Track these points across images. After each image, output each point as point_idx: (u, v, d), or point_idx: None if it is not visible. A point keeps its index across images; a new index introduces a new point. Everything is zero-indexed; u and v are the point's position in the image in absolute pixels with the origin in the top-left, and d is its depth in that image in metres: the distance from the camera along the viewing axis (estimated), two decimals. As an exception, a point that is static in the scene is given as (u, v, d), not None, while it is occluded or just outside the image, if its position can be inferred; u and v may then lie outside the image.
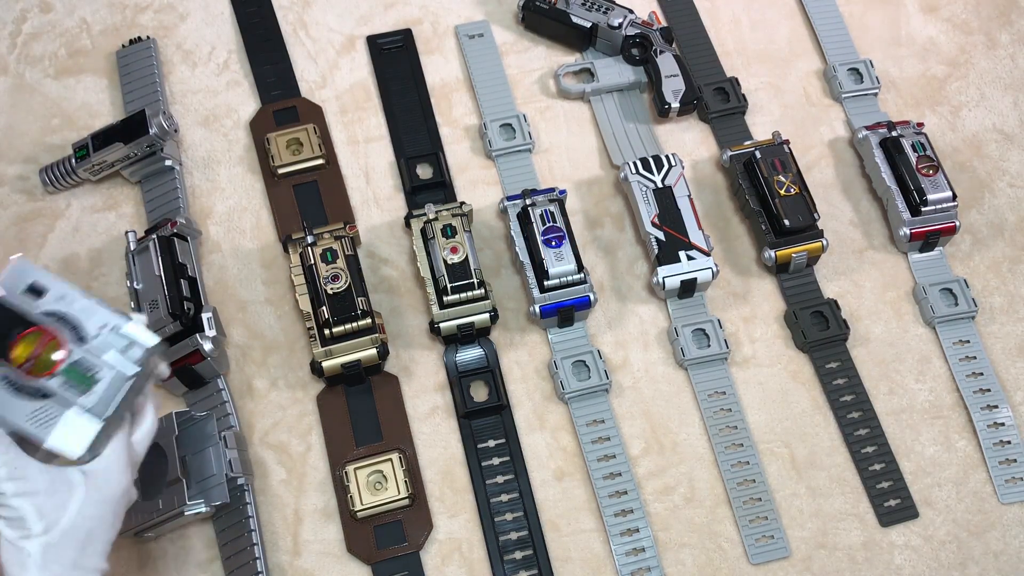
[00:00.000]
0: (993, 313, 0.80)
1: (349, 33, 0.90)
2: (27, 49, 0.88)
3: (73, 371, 0.50)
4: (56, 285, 0.52)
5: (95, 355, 0.51)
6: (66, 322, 0.51)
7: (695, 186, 0.83)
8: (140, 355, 0.51)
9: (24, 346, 0.50)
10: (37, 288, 0.51)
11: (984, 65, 0.91)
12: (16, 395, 0.50)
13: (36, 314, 0.51)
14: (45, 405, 0.50)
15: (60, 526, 0.48)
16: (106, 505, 0.50)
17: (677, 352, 0.76)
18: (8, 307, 0.50)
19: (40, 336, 0.50)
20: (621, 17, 0.86)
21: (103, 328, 0.51)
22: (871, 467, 0.73)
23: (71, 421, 0.49)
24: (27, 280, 0.51)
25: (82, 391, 0.50)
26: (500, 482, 0.72)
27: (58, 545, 0.48)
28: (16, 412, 0.49)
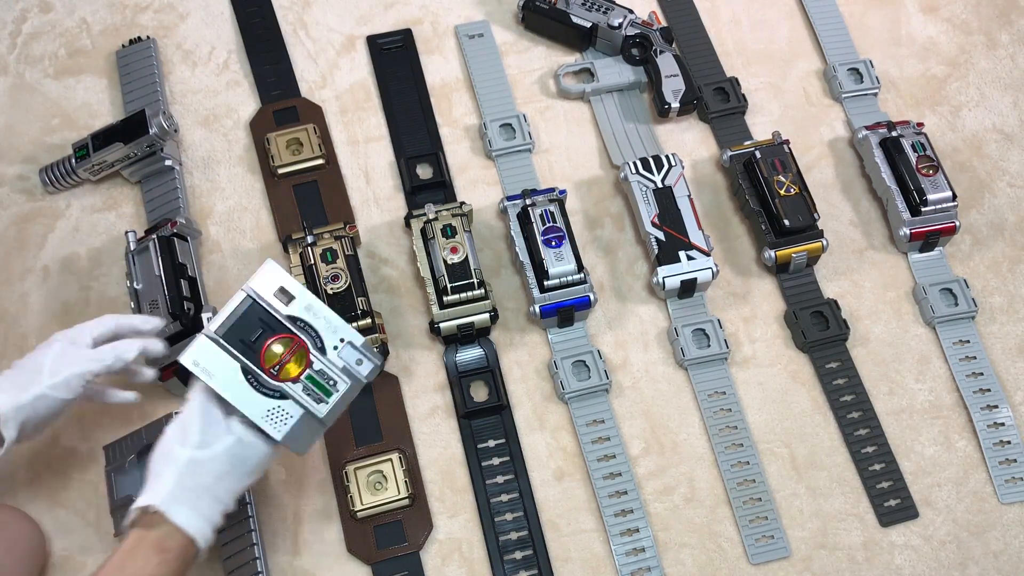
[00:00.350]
0: (993, 313, 0.80)
1: (349, 33, 0.90)
2: (27, 49, 0.88)
3: (314, 380, 0.55)
4: (303, 294, 0.56)
5: (334, 367, 0.56)
6: (310, 330, 0.56)
7: (695, 186, 0.83)
8: (369, 370, 0.56)
9: (274, 349, 0.55)
10: (286, 292, 0.56)
11: (984, 65, 0.91)
12: (256, 390, 0.55)
13: (285, 318, 0.55)
14: (282, 405, 0.55)
15: (210, 450, 0.55)
16: (247, 460, 0.56)
17: (677, 352, 0.76)
18: (264, 307, 0.55)
19: (291, 343, 0.55)
20: (621, 17, 0.86)
21: (342, 341, 0.56)
22: (871, 467, 0.73)
23: (302, 423, 0.55)
24: (276, 284, 0.56)
25: (318, 399, 0.55)
26: (500, 482, 0.72)
27: (201, 463, 0.54)
28: (254, 409, 0.54)
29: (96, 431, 0.73)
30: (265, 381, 0.54)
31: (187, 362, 0.54)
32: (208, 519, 0.55)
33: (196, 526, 0.54)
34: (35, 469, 0.72)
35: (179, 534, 0.53)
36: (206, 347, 0.55)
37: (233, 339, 0.55)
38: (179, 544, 0.53)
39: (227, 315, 0.55)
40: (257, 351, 0.55)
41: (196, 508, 0.54)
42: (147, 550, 0.52)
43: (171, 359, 0.70)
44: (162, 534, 0.53)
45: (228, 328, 0.55)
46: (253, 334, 0.55)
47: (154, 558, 0.52)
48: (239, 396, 0.54)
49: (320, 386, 0.55)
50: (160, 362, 0.70)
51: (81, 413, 0.73)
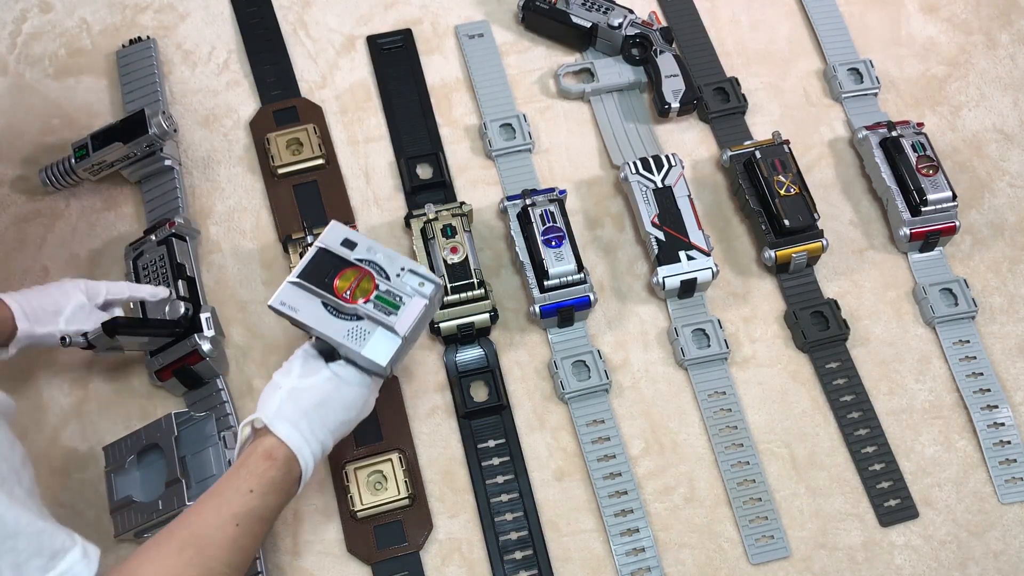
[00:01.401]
0: (993, 313, 0.80)
1: (349, 33, 0.90)
2: (27, 49, 0.88)
3: (382, 298, 0.62)
4: (364, 240, 0.64)
5: (398, 288, 0.63)
6: (374, 265, 0.63)
7: (695, 186, 0.83)
8: (431, 289, 0.62)
9: (344, 279, 0.62)
10: (350, 242, 0.64)
11: (984, 65, 0.91)
12: (336, 317, 0.62)
13: (352, 259, 0.63)
14: (360, 324, 0.62)
15: (309, 380, 0.61)
16: (342, 394, 0.62)
17: (677, 352, 0.76)
18: (332, 253, 0.63)
19: (357, 272, 0.63)
20: (621, 17, 0.86)
21: (403, 270, 0.63)
22: (871, 467, 0.73)
23: (380, 337, 0.61)
24: (341, 237, 0.64)
25: (389, 313, 0.62)
26: (500, 482, 0.72)
27: (301, 391, 0.61)
28: (336, 330, 0.61)
29: (96, 431, 0.73)
30: (340, 306, 0.62)
31: (276, 304, 0.62)
32: (308, 440, 0.60)
33: (296, 441, 0.59)
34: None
35: (283, 447, 0.59)
36: (288, 290, 0.62)
37: (311, 280, 0.62)
38: (284, 456, 0.59)
39: (304, 264, 0.63)
40: (331, 285, 0.62)
41: (297, 427, 0.59)
42: (257, 457, 0.58)
43: (170, 360, 0.70)
44: (269, 445, 0.58)
45: (305, 273, 0.63)
46: (327, 275, 0.63)
47: (263, 463, 0.58)
48: (322, 323, 0.62)
49: (388, 302, 0.62)
50: (157, 363, 0.70)
51: (81, 413, 0.73)
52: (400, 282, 0.63)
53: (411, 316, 0.62)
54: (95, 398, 0.74)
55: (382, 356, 0.61)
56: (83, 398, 0.74)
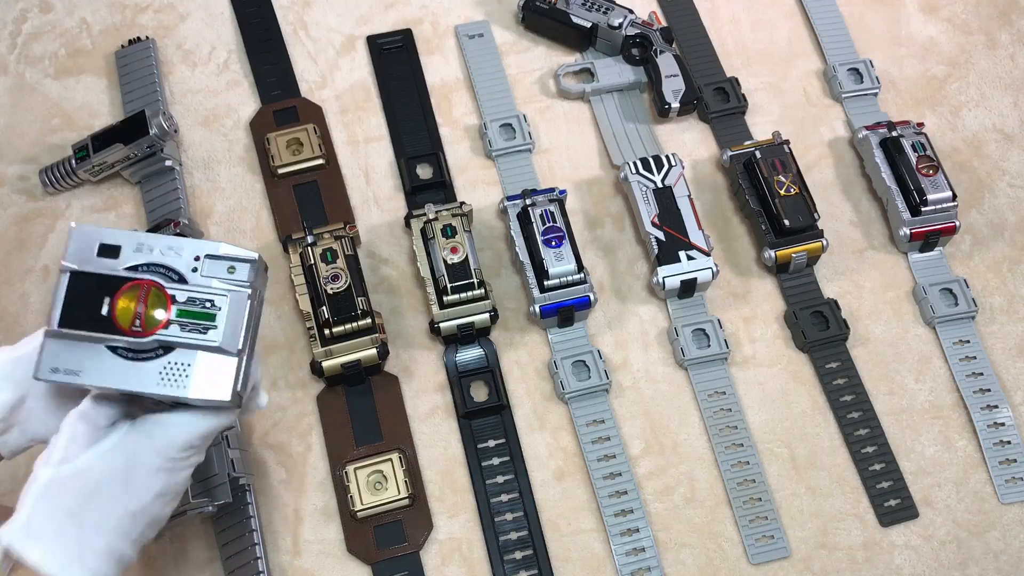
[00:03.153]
0: (993, 313, 0.80)
1: (349, 33, 0.90)
2: (27, 49, 0.88)
3: (187, 312, 0.46)
4: (127, 237, 0.47)
5: (203, 289, 0.46)
6: (157, 269, 0.47)
7: (695, 186, 0.83)
8: (248, 272, 0.47)
9: (123, 307, 0.45)
10: (109, 248, 0.47)
11: (984, 65, 0.91)
12: (138, 361, 0.46)
13: (121, 273, 0.46)
14: (171, 359, 0.46)
15: (73, 467, 0.43)
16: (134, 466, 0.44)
17: (677, 352, 0.76)
18: (90, 275, 0.46)
19: (136, 291, 0.46)
20: (621, 17, 0.86)
21: (198, 259, 0.47)
22: (871, 467, 0.73)
23: (204, 364, 0.46)
24: (94, 245, 0.47)
25: (204, 329, 0.46)
26: (500, 482, 0.72)
27: (63, 483, 0.43)
28: (145, 379, 0.45)
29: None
30: (136, 344, 0.45)
31: (44, 374, 0.46)
32: (80, 558, 0.42)
33: (58, 565, 0.41)
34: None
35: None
36: (52, 348, 0.46)
37: (78, 323, 0.46)
38: None
39: (56, 304, 0.46)
40: (109, 319, 0.45)
41: (59, 543, 0.42)
42: None
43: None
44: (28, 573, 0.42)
45: (65, 316, 0.45)
46: (98, 307, 0.46)
47: None
48: (119, 377, 0.45)
49: (197, 315, 0.46)
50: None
51: (81, 413, 0.73)
52: (202, 278, 0.47)
53: (238, 320, 0.46)
54: (95, 398, 0.74)
55: (220, 389, 0.46)
56: (83, 398, 0.74)
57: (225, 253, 0.47)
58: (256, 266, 0.48)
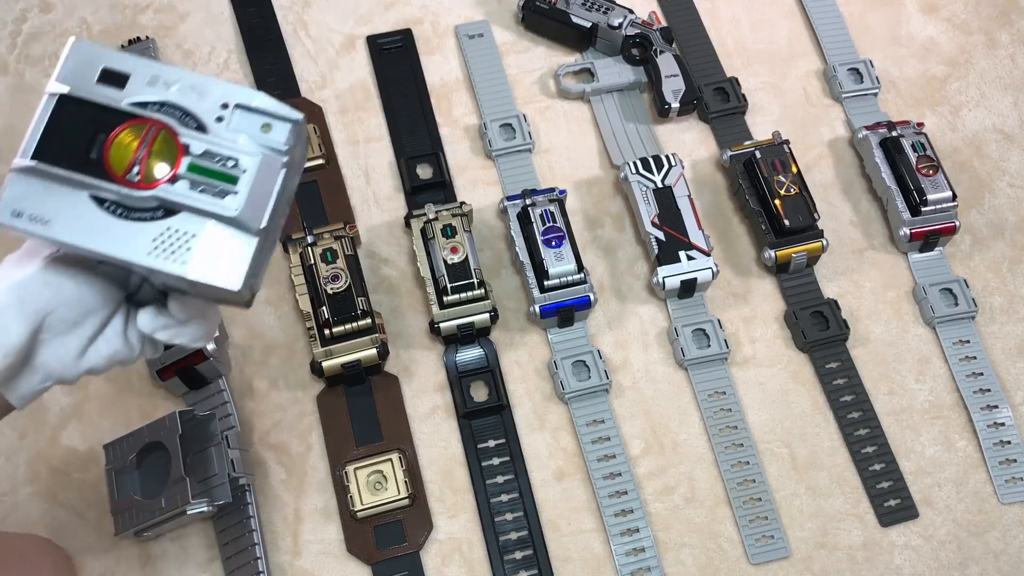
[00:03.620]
0: (993, 313, 0.80)
1: (349, 33, 0.90)
2: (27, 49, 0.88)
3: (201, 168, 0.36)
4: (139, 65, 0.37)
5: (226, 143, 0.36)
6: (172, 110, 0.37)
7: (695, 186, 0.83)
8: (287, 134, 0.37)
9: (122, 146, 0.35)
10: (114, 74, 0.37)
11: (984, 65, 0.91)
12: (129, 220, 0.36)
13: (123, 107, 0.36)
14: (172, 224, 0.36)
15: None
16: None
17: (677, 352, 0.76)
18: (85, 102, 0.36)
19: (140, 131, 0.36)
20: (621, 17, 0.86)
21: (226, 108, 0.37)
22: (871, 467, 0.73)
23: (213, 238, 0.36)
24: (97, 65, 0.37)
25: (221, 192, 0.36)
26: (500, 482, 0.72)
27: None
28: (133, 245, 0.35)
29: (96, 431, 0.73)
30: (130, 197, 0.35)
31: (3, 218, 0.36)
32: None
33: None
34: (35, 469, 0.72)
35: None
36: (18, 184, 0.36)
37: (59, 159, 0.36)
38: None
39: (34, 132, 0.37)
40: (100, 161, 0.36)
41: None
42: None
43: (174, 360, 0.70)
44: None
45: (42, 147, 0.36)
46: (87, 143, 0.36)
47: None
48: (101, 236, 0.35)
49: (215, 174, 0.36)
50: (159, 362, 0.70)
51: (81, 412, 0.73)
52: (227, 131, 0.37)
53: (265, 190, 0.36)
54: (95, 398, 0.74)
55: (229, 274, 0.36)
56: (83, 398, 0.74)
57: (261, 106, 0.37)
58: (298, 129, 0.38)
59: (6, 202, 0.36)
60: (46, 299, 0.40)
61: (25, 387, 0.44)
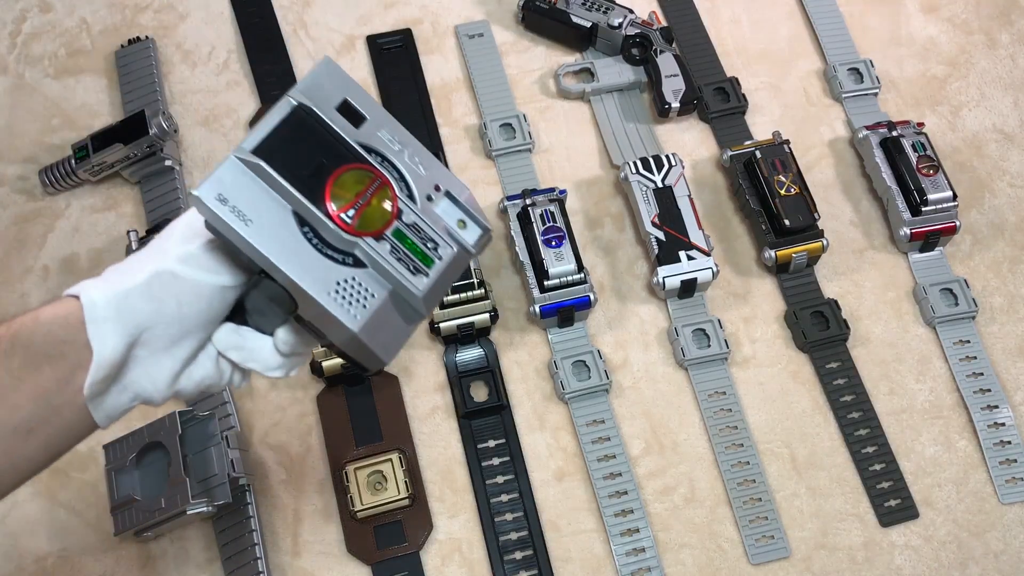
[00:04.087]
0: (993, 313, 0.80)
1: (349, 33, 0.89)
2: (27, 49, 0.87)
3: (406, 239, 0.35)
4: (378, 112, 0.37)
5: (434, 225, 0.36)
6: (391, 168, 0.36)
7: (695, 186, 0.83)
8: (478, 238, 0.37)
9: (345, 185, 0.35)
10: (352, 110, 0.36)
11: (984, 65, 0.91)
12: (320, 254, 0.35)
13: (355, 145, 0.35)
14: (358, 276, 0.35)
15: None
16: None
17: (677, 352, 0.76)
18: (322, 123, 0.35)
19: (368, 177, 0.35)
20: (621, 17, 0.86)
21: (438, 191, 0.37)
22: (871, 467, 0.73)
23: (387, 306, 0.35)
24: (339, 93, 0.37)
25: (414, 269, 0.35)
26: (500, 482, 0.72)
27: None
28: (319, 280, 0.34)
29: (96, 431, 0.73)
30: (337, 235, 0.34)
31: (206, 196, 0.34)
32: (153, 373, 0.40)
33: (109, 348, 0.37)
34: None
35: None
36: (237, 175, 0.34)
37: (282, 167, 0.35)
38: None
39: (262, 128, 0.35)
40: (319, 187, 0.34)
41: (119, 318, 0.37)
42: None
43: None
44: None
45: (267, 146, 0.34)
46: (309, 163, 0.35)
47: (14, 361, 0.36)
48: (292, 260, 0.34)
49: (415, 249, 0.35)
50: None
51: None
52: (432, 211, 0.37)
53: (444, 283, 0.37)
54: (95, 398, 0.74)
55: (387, 347, 0.36)
56: (83, 398, 0.74)
57: (466, 203, 0.37)
58: (485, 240, 0.38)
59: (215, 183, 0.34)
60: (147, 314, 0.38)
61: (112, 405, 0.42)
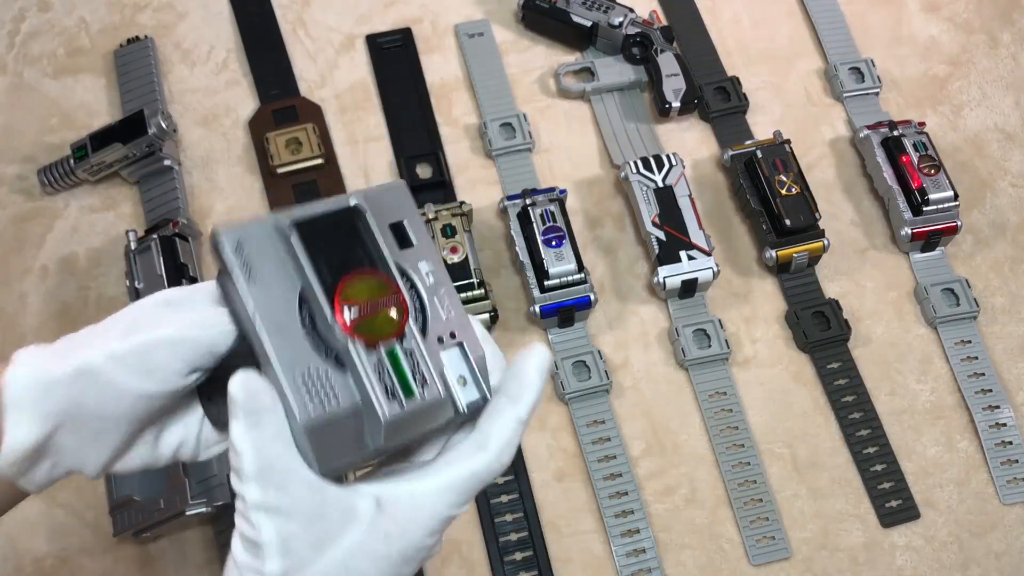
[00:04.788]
0: (995, 313, 0.80)
1: (348, 32, 0.89)
2: (25, 48, 0.87)
3: (397, 362, 0.34)
4: (428, 248, 0.37)
5: (428, 358, 0.35)
6: (414, 295, 0.36)
7: (696, 186, 0.83)
8: (472, 400, 0.36)
9: (361, 285, 0.34)
10: (403, 233, 0.37)
11: (986, 64, 0.90)
12: (307, 336, 0.34)
13: (391, 264, 0.35)
14: (332, 376, 0.33)
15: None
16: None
17: (678, 352, 0.76)
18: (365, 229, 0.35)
19: (387, 289, 0.34)
20: (622, 16, 0.86)
21: (453, 338, 0.36)
22: (872, 468, 0.73)
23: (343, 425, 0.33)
24: (399, 214, 0.37)
25: (390, 392, 0.33)
26: (500, 483, 0.72)
27: None
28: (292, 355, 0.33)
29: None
30: (330, 325, 0.33)
31: (227, 240, 0.33)
32: None
33: None
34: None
35: None
36: (264, 236, 0.34)
37: (311, 246, 0.35)
38: None
39: (315, 213, 0.36)
40: (333, 283, 0.34)
41: None
42: None
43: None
44: None
45: (309, 229, 0.35)
46: (338, 256, 0.35)
47: None
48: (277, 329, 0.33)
49: (402, 376, 0.34)
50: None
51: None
52: (437, 353, 0.35)
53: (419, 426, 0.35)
54: (94, 399, 0.74)
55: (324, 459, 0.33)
56: (82, 399, 0.74)
57: (477, 363, 0.36)
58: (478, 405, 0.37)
59: (240, 231, 0.34)
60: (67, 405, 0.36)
61: (43, 477, 0.39)
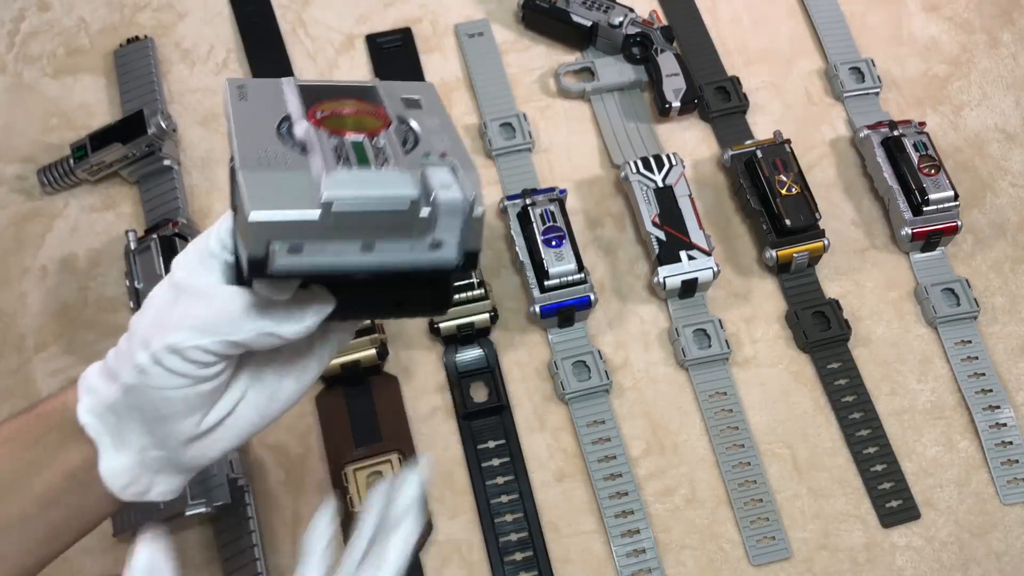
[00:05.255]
0: (995, 313, 0.79)
1: (348, 32, 0.89)
2: (25, 48, 0.87)
3: (360, 145, 0.34)
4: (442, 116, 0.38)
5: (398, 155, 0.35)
6: (411, 134, 0.37)
7: (696, 185, 0.83)
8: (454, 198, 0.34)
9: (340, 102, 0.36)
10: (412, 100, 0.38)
11: (986, 64, 0.90)
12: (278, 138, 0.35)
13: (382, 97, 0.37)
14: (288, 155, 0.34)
15: None
16: None
17: (678, 352, 0.76)
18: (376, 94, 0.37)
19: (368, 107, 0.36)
20: (622, 16, 0.86)
21: (443, 156, 0.36)
22: (873, 468, 0.73)
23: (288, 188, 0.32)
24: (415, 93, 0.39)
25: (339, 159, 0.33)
26: (500, 483, 0.71)
27: None
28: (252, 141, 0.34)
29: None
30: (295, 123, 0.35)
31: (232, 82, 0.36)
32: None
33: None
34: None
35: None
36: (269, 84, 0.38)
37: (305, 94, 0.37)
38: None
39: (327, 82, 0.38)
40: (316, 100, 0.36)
41: None
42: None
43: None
44: None
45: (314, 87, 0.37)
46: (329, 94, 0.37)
47: None
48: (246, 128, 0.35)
49: (359, 150, 0.34)
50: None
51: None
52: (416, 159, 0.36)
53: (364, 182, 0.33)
54: (94, 399, 0.74)
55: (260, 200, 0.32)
56: (82, 399, 0.74)
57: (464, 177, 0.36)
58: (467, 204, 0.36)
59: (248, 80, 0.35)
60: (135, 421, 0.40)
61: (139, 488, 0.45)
